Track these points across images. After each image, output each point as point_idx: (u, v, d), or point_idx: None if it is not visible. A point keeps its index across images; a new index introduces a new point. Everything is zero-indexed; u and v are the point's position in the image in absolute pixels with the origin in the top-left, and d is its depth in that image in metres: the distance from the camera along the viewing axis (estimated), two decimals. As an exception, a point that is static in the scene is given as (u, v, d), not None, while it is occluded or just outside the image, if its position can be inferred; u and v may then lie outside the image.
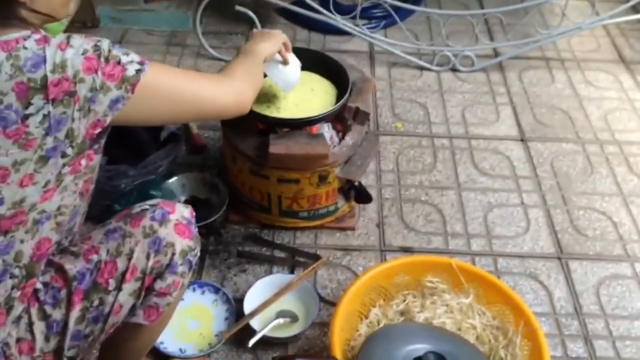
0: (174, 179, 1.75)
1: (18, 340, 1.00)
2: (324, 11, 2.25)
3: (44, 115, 0.89)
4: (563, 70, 2.37)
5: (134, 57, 0.96)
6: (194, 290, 1.52)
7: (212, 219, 1.67)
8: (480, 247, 1.70)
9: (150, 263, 1.03)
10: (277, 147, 1.50)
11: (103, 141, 1.02)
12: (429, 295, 1.44)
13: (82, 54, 0.90)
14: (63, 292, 1.02)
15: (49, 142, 0.90)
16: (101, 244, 1.04)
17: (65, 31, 2.19)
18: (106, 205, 1.67)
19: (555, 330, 1.51)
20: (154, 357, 1.39)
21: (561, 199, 1.84)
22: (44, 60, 0.88)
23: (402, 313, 1.43)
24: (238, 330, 1.42)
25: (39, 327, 1.01)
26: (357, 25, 2.28)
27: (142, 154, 1.71)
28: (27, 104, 0.87)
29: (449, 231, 1.74)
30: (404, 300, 1.44)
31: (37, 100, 0.88)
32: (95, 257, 1.03)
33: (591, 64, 2.40)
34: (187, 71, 1.11)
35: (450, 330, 1.36)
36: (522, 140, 2.05)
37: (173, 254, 1.04)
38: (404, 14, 2.49)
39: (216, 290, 1.52)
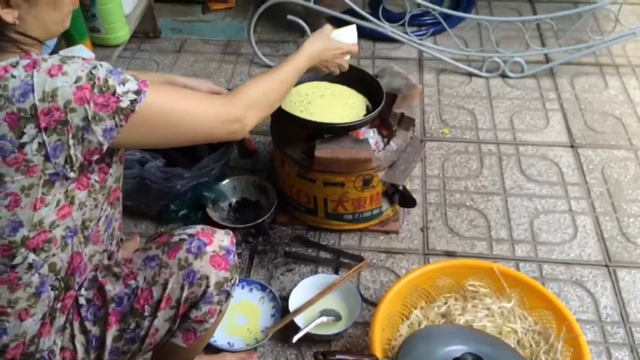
0: (226, 181, 1.84)
1: (62, 349, 1.07)
2: (374, 19, 2.29)
3: (39, 144, 0.89)
4: (617, 76, 2.32)
5: (131, 85, 0.94)
6: (242, 287, 1.59)
7: (261, 220, 1.75)
8: (525, 253, 1.70)
9: (185, 294, 1.06)
10: (323, 151, 1.56)
11: (118, 154, 1.05)
12: (470, 299, 1.46)
13: (75, 81, 0.89)
14: (102, 311, 1.08)
15: (50, 167, 0.91)
16: (139, 270, 1.08)
17: (128, 42, 2.32)
18: (163, 205, 1.77)
19: (601, 337, 1.50)
20: (204, 350, 1.47)
21: (611, 206, 1.82)
22: (32, 89, 0.87)
23: (443, 315, 1.45)
24: (283, 327, 1.48)
25: (80, 339, 1.08)
26: (406, 33, 2.32)
27: (196, 157, 1.80)
28: (21, 133, 0.88)
29: (493, 236, 1.75)
30: (446, 303, 1.46)
31: (30, 129, 0.88)
32: (133, 283, 1.07)
33: (647, 69, 2.35)
34: (187, 96, 1.06)
35: (490, 333, 1.38)
36: (572, 146, 2.03)
37: (207, 286, 1.07)
38: (454, 20, 2.51)
39: (263, 288, 1.59)
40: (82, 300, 1.08)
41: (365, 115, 1.61)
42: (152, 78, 1.32)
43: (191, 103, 1.04)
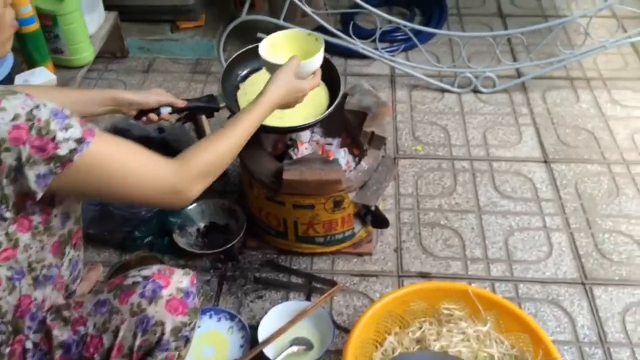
0: (193, 205, 1.78)
1: None
2: (344, 36, 2.27)
3: None
4: (588, 90, 2.32)
5: (74, 132, 0.87)
6: (210, 317, 1.53)
7: (230, 245, 1.69)
8: (500, 272, 1.67)
9: (138, 342, 1.00)
10: (291, 173, 1.51)
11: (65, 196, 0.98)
12: (445, 323, 1.42)
13: (13, 119, 0.83)
14: (48, 358, 1.01)
15: None
16: (89, 315, 1.02)
17: (95, 62, 2.26)
18: (127, 231, 1.71)
19: (579, 359, 1.46)
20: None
21: (585, 222, 1.80)
22: None
23: (417, 341, 1.41)
24: (252, 358, 1.42)
25: None
26: (376, 49, 2.29)
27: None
28: None
29: (468, 256, 1.71)
30: (420, 328, 1.42)
31: None
32: (82, 329, 1.01)
33: (618, 82, 2.35)
34: (134, 155, 0.96)
35: (466, 359, 1.34)
36: (545, 161, 2.01)
37: (163, 333, 1.01)
38: (426, 36, 2.50)
39: (232, 317, 1.53)
40: (28, 344, 1.01)
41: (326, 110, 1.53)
42: (94, 95, 1.28)
43: (137, 164, 0.96)
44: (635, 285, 1.61)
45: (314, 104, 1.58)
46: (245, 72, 1.66)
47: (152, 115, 1.36)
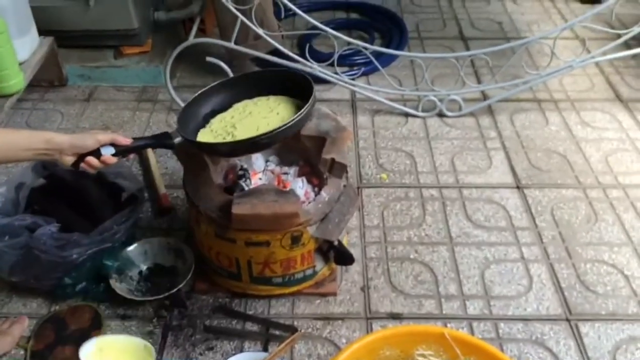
0: (134, 245, 1.58)
1: None
2: (301, 59, 2.13)
3: None
4: (557, 112, 2.23)
5: None
6: (151, 375, 1.32)
7: (176, 289, 1.49)
8: (478, 310, 1.51)
9: None
10: (241, 207, 1.34)
11: None
12: (420, 372, 1.25)
13: None
14: None
15: None
16: None
17: (30, 91, 2.07)
18: (56, 278, 1.49)
19: (570, 406, 1.31)
20: None
21: (565, 252, 1.66)
22: None
23: (390, 394, 1.23)
24: None
25: None
26: (336, 73, 2.16)
27: (97, 219, 1.54)
28: None
29: (442, 293, 1.56)
30: (392, 379, 1.25)
31: None
32: None
33: (586, 103, 2.27)
34: None
35: (446, 414, 1.17)
36: (517, 187, 1.89)
37: None
38: (387, 59, 2.39)
39: (177, 375, 1.33)
40: None
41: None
42: (20, 137, 1.15)
43: None
44: (624, 320, 1.48)
45: (277, 114, 1.44)
46: (209, 110, 1.49)
47: (91, 159, 1.22)
